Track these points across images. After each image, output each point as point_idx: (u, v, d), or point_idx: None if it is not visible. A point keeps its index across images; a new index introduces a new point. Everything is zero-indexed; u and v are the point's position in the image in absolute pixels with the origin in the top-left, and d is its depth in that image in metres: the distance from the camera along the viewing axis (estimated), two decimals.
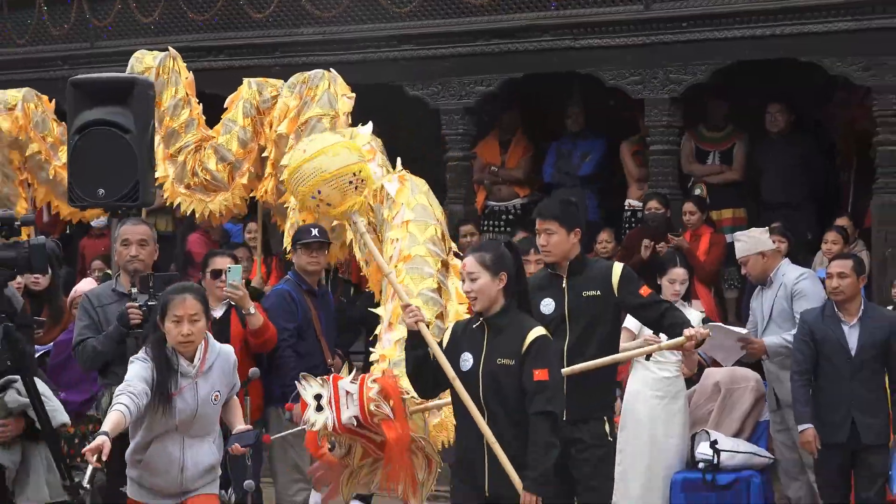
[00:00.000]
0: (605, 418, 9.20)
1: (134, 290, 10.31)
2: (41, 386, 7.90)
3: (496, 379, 7.58)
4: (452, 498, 8.07)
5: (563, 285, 9.28)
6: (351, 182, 8.95)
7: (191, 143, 12.10)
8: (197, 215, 13.24)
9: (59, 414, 7.94)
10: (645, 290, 9.35)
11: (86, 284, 12.27)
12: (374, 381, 8.72)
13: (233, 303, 11.51)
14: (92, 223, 16.40)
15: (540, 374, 7.45)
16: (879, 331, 11.29)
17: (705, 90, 16.08)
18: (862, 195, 15.78)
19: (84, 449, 7.40)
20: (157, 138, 12.96)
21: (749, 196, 16.52)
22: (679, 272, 12.72)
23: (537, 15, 16.19)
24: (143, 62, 11.83)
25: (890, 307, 12.83)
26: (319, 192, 8.91)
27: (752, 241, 13.02)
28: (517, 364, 7.54)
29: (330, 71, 12.01)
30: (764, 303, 12.76)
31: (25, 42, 19.14)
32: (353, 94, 11.90)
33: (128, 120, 10.86)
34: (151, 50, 14.08)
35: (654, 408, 11.95)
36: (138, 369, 7.93)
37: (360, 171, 9.14)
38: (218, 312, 11.44)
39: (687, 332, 8.82)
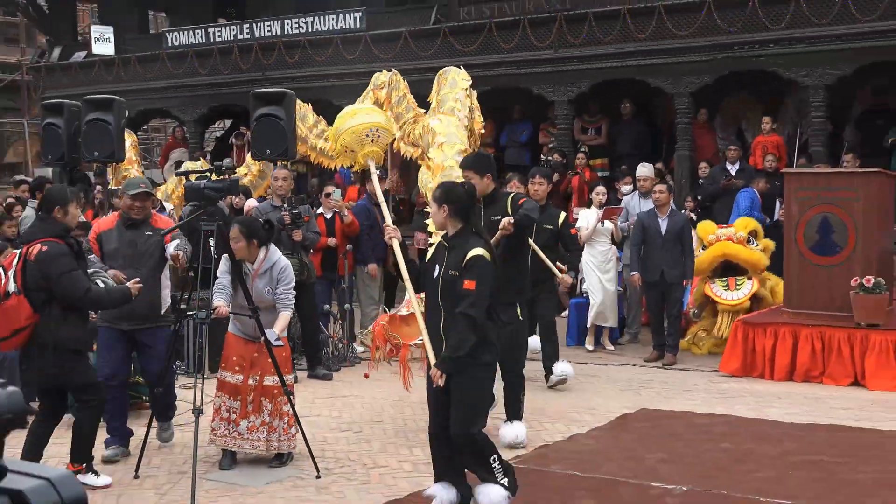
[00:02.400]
0: (518, 303, 7.69)
1: (285, 205, 10.48)
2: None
3: (448, 285, 5.95)
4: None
5: (481, 212, 7.48)
6: (367, 135, 7.96)
7: (409, 118, 11.85)
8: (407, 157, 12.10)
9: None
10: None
11: (252, 202, 12.29)
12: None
13: (335, 210, 11.61)
14: None
15: (468, 284, 5.84)
16: (677, 223, 11.40)
17: (586, 96, 16.10)
18: (670, 150, 15.80)
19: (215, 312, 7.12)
20: (392, 118, 12.68)
21: (609, 151, 16.45)
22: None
23: (496, 56, 16.18)
24: (380, 78, 11.72)
25: (683, 211, 12.91)
26: (346, 140, 8.08)
27: (652, 170, 12.99)
28: (460, 275, 5.90)
29: (459, 67, 11.75)
30: (641, 205, 12.42)
31: (226, 71, 19.05)
32: (469, 77, 11.40)
33: (281, 113, 11.02)
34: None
35: (599, 265, 11.97)
36: (224, 267, 7.40)
37: (377, 129, 8.10)
38: (328, 215, 11.60)
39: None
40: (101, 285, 6.85)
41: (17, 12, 24.67)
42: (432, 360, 6.00)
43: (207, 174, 7.45)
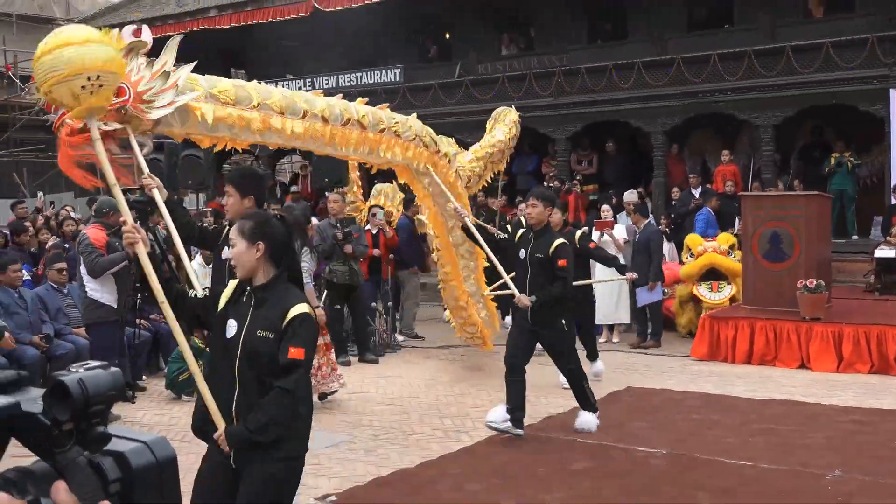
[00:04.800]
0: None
1: (337, 224, 10.37)
2: None
3: (254, 350, 3.50)
4: (206, 458, 3.74)
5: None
6: (84, 87, 4.17)
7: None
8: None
9: None
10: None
11: (314, 221, 12.19)
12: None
13: (379, 226, 11.45)
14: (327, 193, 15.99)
15: (296, 353, 3.45)
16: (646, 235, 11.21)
17: (580, 134, 15.99)
18: (649, 178, 15.65)
19: None
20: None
21: (599, 179, 16.30)
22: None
23: (507, 103, 16.06)
24: (499, 113, 11.18)
25: (659, 227, 12.72)
26: (51, 92, 4.21)
27: (635, 195, 12.74)
28: (276, 338, 3.49)
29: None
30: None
31: None
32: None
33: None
34: None
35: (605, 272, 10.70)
36: None
37: (99, 76, 4.20)
38: (374, 230, 11.38)
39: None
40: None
41: None
42: (220, 427, 3.59)
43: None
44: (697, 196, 14.11)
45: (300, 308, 3.52)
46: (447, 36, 18.84)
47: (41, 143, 25.80)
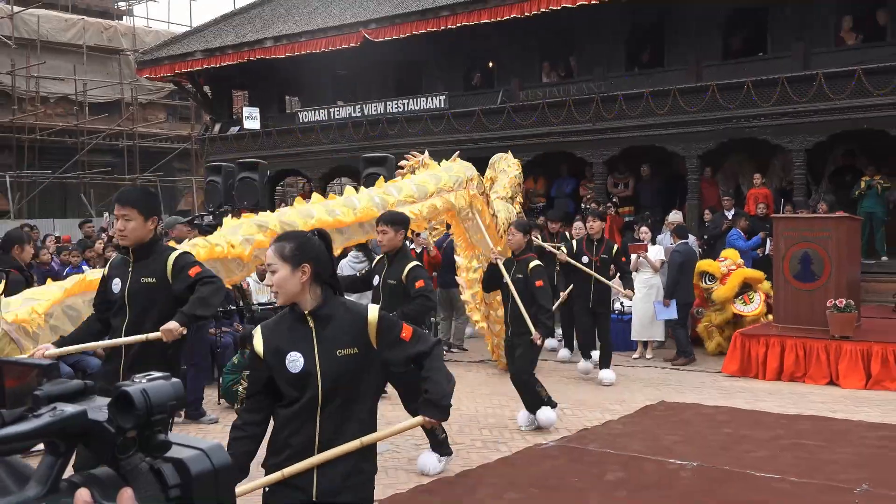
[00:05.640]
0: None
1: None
2: None
3: (339, 372, 3.12)
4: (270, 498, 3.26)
5: (129, 269, 4.60)
6: None
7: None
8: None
9: None
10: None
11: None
12: None
13: (423, 245, 11.54)
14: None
15: (406, 330, 3.23)
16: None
17: (617, 158, 15.95)
18: (683, 201, 15.55)
19: None
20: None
21: (635, 202, 16.23)
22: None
23: (547, 128, 16.13)
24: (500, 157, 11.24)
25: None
26: None
27: (680, 216, 12.67)
28: (363, 351, 3.16)
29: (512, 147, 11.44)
30: (663, 240, 12.43)
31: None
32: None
33: (384, 172, 11.02)
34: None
35: (641, 290, 11.16)
36: None
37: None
38: (418, 249, 11.46)
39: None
40: None
41: (189, 97, 25.39)
42: (308, 463, 3.18)
43: None
44: (730, 217, 14.02)
45: (374, 308, 3.26)
46: (490, 65, 18.95)
47: (107, 167, 26.40)
